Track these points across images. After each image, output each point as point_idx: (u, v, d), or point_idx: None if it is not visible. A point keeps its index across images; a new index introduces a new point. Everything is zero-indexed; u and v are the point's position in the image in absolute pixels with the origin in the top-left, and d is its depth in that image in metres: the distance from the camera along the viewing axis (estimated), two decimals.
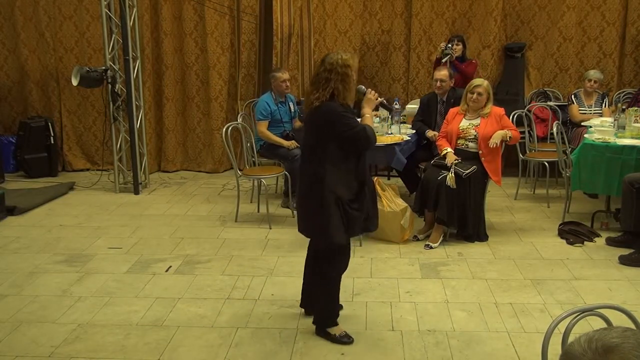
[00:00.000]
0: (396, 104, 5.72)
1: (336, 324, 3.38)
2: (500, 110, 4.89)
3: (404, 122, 5.95)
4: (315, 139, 3.21)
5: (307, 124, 3.33)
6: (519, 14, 7.13)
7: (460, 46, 6.29)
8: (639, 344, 1.09)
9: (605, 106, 6.27)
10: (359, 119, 3.29)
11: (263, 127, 5.68)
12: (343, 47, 7.14)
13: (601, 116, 6.11)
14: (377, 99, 3.43)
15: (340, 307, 3.66)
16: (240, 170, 5.58)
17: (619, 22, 6.96)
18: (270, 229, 5.24)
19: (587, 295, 3.88)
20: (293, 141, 5.62)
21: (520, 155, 6.03)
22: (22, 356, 3.21)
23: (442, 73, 5.50)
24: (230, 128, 5.49)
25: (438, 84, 5.49)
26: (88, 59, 7.35)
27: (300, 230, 3.37)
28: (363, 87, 3.47)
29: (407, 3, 7.19)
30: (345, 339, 3.32)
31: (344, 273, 3.40)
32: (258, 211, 5.77)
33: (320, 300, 3.41)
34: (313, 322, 3.44)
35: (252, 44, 7.26)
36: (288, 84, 5.77)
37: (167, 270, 4.37)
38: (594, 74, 6.26)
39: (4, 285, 4.13)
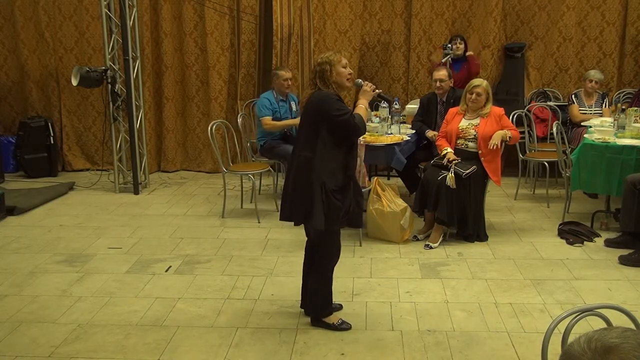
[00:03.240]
0: (396, 104, 5.72)
1: (331, 313, 3.48)
2: (500, 110, 4.89)
3: (404, 122, 5.95)
4: (309, 123, 3.31)
5: (303, 112, 3.41)
6: (519, 14, 7.13)
7: (463, 46, 6.33)
8: (639, 344, 1.09)
9: (605, 106, 6.27)
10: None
11: (268, 119, 5.64)
12: (343, 47, 7.14)
13: (601, 116, 6.11)
14: (373, 91, 3.50)
15: (340, 307, 3.68)
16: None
17: (618, 22, 6.96)
18: (259, 222, 5.37)
19: (587, 295, 3.88)
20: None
21: (520, 155, 6.04)
22: (22, 356, 3.21)
23: (442, 73, 5.50)
24: (214, 126, 5.59)
25: (437, 84, 5.49)
26: (88, 59, 7.35)
27: (283, 217, 3.40)
28: (360, 80, 3.56)
29: (407, 3, 7.19)
30: (344, 325, 3.44)
31: (344, 273, 3.40)
32: (241, 207, 5.87)
33: (316, 291, 3.47)
34: (307, 314, 3.54)
35: (252, 44, 7.26)
36: (290, 82, 5.78)
37: (167, 270, 4.37)
38: (594, 74, 6.24)
39: (4, 285, 4.13)
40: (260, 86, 7.29)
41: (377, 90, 3.54)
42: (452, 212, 4.71)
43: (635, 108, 5.44)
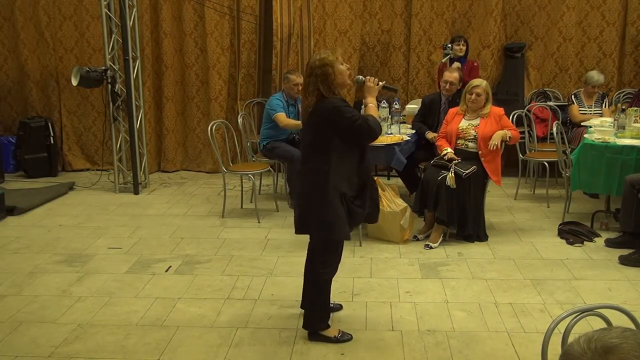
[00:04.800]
0: (396, 104, 5.72)
1: (328, 326, 3.36)
2: (500, 110, 4.89)
3: (404, 122, 5.95)
4: (318, 135, 3.15)
5: (307, 123, 3.25)
6: (519, 14, 7.13)
7: (465, 47, 6.32)
8: (639, 344, 1.09)
9: (605, 106, 6.26)
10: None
11: (283, 116, 5.62)
12: (343, 47, 7.14)
13: (601, 116, 6.10)
14: (377, 85, 3.36)
15: (340, 307, 3.67)
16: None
17: (618, 22, 6.96)
18: (259, 222, 5.38)
19: (587, 295, 3.88)
20: None
21: (520, 155, 6.03)
22: (22, 356, 3.21)
23: (454, 76, 5.46)
24: (214, 126, 5.60)
25: (447, 86, 5.46)
26: (88, 59, 7.36)
27: (298, 231, 3.28)
28: (361, 76, 3.43)
29: (407, 3, 7.19)
30: (346, 337, 3.33)
31: (344, 273, 3.39)
32: (241, 207, 5.88)
33: (314, 304, 3.37)
34: (304, 327, 3.39)
35: (252, 44, 7.26)
36: (300, 88, 5.78)
37: (167, 270, 4.37)
38: (597, 79, 6.17)
39: (4, 285, 4.13)
40: (260, 86, 7.30)
41: (380, 83, 3.40)
42: (452, 212, 4.71)
43: (635, 108, 5.44)
